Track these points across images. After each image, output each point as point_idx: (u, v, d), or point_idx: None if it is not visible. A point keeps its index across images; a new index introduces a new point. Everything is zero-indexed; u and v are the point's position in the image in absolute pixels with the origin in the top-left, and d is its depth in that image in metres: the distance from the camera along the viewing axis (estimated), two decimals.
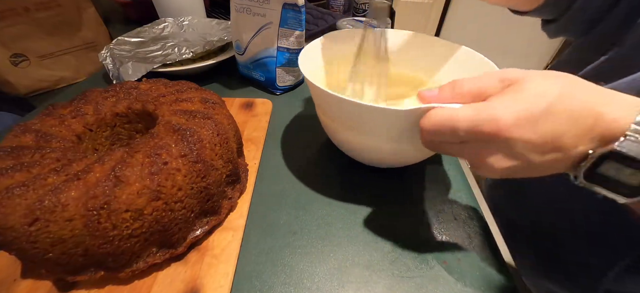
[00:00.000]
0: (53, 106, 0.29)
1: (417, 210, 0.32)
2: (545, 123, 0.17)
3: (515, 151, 0.18)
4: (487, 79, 0.20)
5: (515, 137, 0.17)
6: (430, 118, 0.20)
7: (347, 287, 0.26)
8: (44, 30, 0.53)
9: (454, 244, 0.29)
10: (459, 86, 0.21)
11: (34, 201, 0.20)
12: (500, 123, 0.17)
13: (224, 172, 0.29)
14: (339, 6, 0.84)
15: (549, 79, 0.18)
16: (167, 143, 0.24)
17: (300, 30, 0.45)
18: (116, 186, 0.21)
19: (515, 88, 0.18)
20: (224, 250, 0.27)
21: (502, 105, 0.18)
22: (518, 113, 0.17)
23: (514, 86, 0.18)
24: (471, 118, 0.18)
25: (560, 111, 0.17)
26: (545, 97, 0.17)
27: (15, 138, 0.25)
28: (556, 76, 0.18)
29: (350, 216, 0.31)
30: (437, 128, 0.20)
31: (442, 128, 0.20)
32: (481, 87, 0.20)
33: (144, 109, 0.31)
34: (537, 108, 0.17)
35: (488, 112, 0.18)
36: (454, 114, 0.19)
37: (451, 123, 0.19)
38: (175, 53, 0.51)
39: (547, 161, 0.18)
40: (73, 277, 0.23)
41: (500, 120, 0.17)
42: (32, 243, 0.20)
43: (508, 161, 0.19)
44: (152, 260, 0.24)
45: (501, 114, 0.17)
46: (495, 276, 0.27)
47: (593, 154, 0.17)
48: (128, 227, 0.22)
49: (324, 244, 0.29)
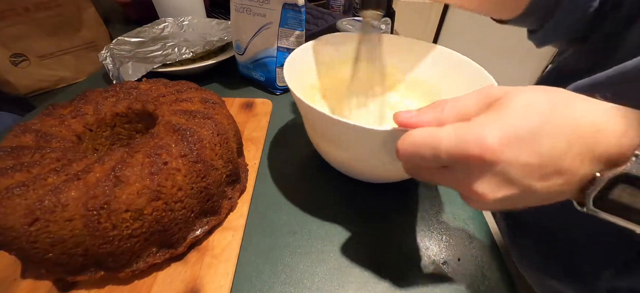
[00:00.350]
0: (53, 106, 0.29)
1: (417, 209, 0.32)
2: (540, 140, 0.15)
3: (511, 176, 0.16)
4: (470, 98, 0.18)
5: (507, 159, 0.15)
6: (408, 138, 0.18)
7: (347, 287, 0.26)
8: (44, 30, 0.53)
9: (453, 244, 0.29)
10: (439, 108, 0.19)
11: (34, 201, 0.20)
12: (486, 142, 0.15)
13: (224, 172, 0.29)
14: (339, 6, 0.84)
15: (535, 93, 0.16)
16: (167, 143, 0.24)
17: (300, 30, 0.45)
18: (116, 186, 0.21)
19: (500, 104, 0.17)
20: (224, 250, 0.27)
21: (487, 122, 0.16)
22: (505, 130, 0.15)
23: (498, 102, 0.17)
24: (454, 137, 0.16)
25: (554, 126, 0.15)
26: (534, 111, 0.15)
27: (15, 138, 0.25)
28: (543, 89, 0.17)
29: (351, 216, 0.31)
30: (414, 150, 0.18)
31: (421, 149, 0.17)
32: (463, 108, 0.18)
33: (144, 109, 0.31)
34: (527, 124, 0.15)
35: (472, 130, 0.16)
36: (435, 133, 0.17)
37: (431, 144, 0.17)
38: (175, 53, 0.51)
39: (550, 186, 0.16)
40: (73, 277, 0.23)
41: (485, 139, 0.15)
42: (32, 243, 0.20)
43: (503, 190, 0.16)
44: (152, 260, 0.24)
45: (487, 133, 0.15)
46: (496, 276, 0.27)
47: (601, 177, 0.15)
48: (128, 227, 0.22)
49: (324, 244, 0.29)
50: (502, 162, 0.15)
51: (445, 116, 0.18)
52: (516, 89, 0.17)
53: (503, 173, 0.16)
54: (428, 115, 0.19)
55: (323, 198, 0.33)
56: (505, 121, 0.15)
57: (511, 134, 0.15)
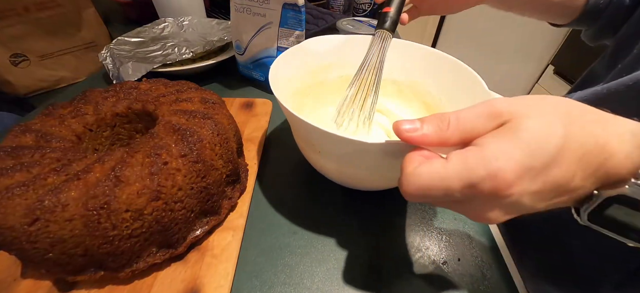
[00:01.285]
0: (53, 106, 0.29)
1: (417, 210, 0.32)
2: (554, 171, 0.15)
3: (522, 203, 0.16)
4: (475, 115, 0.17)
5: (519, 191, 0.15)
6: (415, 183, 0.16)
7: (347, 287, 0.26)
8: (44, 30, 0.53)
9: (453, 244, 0.29)
10: (444, 123, 0.17)
11: (34, 201, 0.20)
12: (501, 178, 0.14)
13: (224, 172, 0.29)
14: (339, 6, 0.84)
15: (548, 117, 0.15)
16: (167, 143, 0.24)
17: (300, 30, 0.45)
18: (116, 186, 0.21)
19: (511, 128, 0.15)
20: (224, 249, 0.27)
21: (500, 153, 0.15)
22: (520, 164, 0.14)
23: (509, 125, 0.16)
24: (466, 177, 0.15)
25: (568, 156, 0.15)
26: (550, 143, 0.14)
27: (15, 138, 0.25)
28: (553, 108, 0.16)
29: (351, 216, 0.31)
30: (424, 193, 0.16)
31: (432, 192, 0.16)
32: (469, 126, 0.17)
33: (144, 109, 0.31)
34: (542, 157, 0.14)
35: (486, 167, 0.15)
36: (444, 174, 0.16)
37: (443, 185, 0.16)
38: (175, 53, 0.51)
39: (555, 204, 0.16)
40: (73, 277, 0.23)
41: (499, 175, 0.14)
42: (32, 243, 0.20)
43: (512, 214, 0.16)
44: (152, 260, 0.24)
45: (501, 167, 0.14)
46: (496, 276, 0.27)
47: (598, 195, 0.15)
48: (128, 227, 0.22)
49: (324, 244, 0.29)
50: (515, 194, 0.15)
51: (449, 133, 0.17)
52: (526, 109, 0.16)
53: (514, 203, 0.15)
54: (431, 130, 0.18)
55: (323, 198, 0.33)
56: (520, 153, 0.15)
57: (526, 166, 0.14)
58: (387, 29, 0.35)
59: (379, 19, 0.36)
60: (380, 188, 0.32)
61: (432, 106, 0.38)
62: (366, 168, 0.27)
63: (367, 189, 0.33)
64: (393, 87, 0.40)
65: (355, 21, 0.69)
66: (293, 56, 0.35)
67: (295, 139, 0.33)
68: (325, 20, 0.72)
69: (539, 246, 0.36)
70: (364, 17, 0.74)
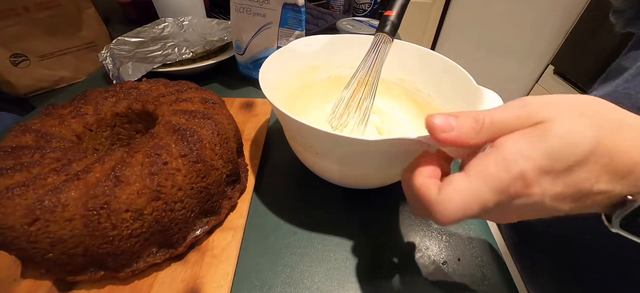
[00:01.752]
0: (53, 106, 0.29)
1: None
2: (578, 172, 0.15)
3: (543, 204, 0.16)
4: (513, 117, 0.16)
5: (541, 191, 0.15)
6: (449, 206, 0.16)
7: (347, 287, 0.26)
8: (44, 30, 0.53)
9: (453, 244, 0.29)
10: (477, 127, 0.17)
11: (34, 201, 0.20)
12: (527, 177, 0.15)
13: (224, 172, 0.29)
14: (339, 6, 0.84)
15: (580, 123, 0.15)
16: (167, 143, 0.24)
17: (300, 30, 0.45)
18: (116, 186, 0.21)
19: (542, 132, 0.15)
20: (224, 250, 0.27)
21: (519, 156, 0.15)
22: (539, 165, 0.15)
23: (540, 128, 0.15)
24: (496, 185, 0.15)
25: (595, 158, 0.15)
26: (578, 145, 0.14)
27: (15, 138, 0.25)
28: (587, 106, 0.16)
29: (351, 215, 0.31)
30: (464, 214, 0.16)
31: (468, 211, 0.16)
32: (504, 131, 0.16)
33: (144, 109, 0.31)
34: (566, 159, 0.14)
35: (512, 169, 0.15)
36: (476, 188, 0.15)
37: (478, 200, 0.15)
38: (175, 53, 0.51)
39: (577, 208, 0.16)
40: (73, 277, 0.23)
41: (525, 175, 0.15)
42: (32, 243, 0.20)
43: (533, 214, 0.17)
44: (152, 260, 0.24)
45: (526, 167, 0.15)
46: (496, 276, 0.27)
47: (633, 200, 0.15)
48: (128, 227, 0.22)
49: (324, 244, 0.29)
50: (536, 194, 0.15)
51: (481, 136, 0.17)
52: (559, 110, 0.15)
53: (536, 203, 0.16)
54: (464, 131, 0.17)
55: (323, 198, 0.33)
56: (539, 154, 0.15)
57: (549, 168, 0.15)
58: (387, 33, 0.35)
59: (379, 22, 0.36)
60: (379, 185, 0.32)
61: (421, 103, 0.38)
62: (366, 166, 0.27)
63: (366, 187, 0.33)
64: (382, 86, 0.40)
65: (355, 21, 0.69)
66: (280, 59, 0.35)
67: (289, 142, 0.33)
68: (325, 20, 0.72)
69: (552, 255, 0.35)
70: (364, 17, 0.74)
